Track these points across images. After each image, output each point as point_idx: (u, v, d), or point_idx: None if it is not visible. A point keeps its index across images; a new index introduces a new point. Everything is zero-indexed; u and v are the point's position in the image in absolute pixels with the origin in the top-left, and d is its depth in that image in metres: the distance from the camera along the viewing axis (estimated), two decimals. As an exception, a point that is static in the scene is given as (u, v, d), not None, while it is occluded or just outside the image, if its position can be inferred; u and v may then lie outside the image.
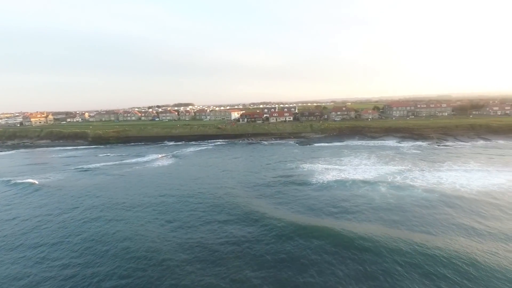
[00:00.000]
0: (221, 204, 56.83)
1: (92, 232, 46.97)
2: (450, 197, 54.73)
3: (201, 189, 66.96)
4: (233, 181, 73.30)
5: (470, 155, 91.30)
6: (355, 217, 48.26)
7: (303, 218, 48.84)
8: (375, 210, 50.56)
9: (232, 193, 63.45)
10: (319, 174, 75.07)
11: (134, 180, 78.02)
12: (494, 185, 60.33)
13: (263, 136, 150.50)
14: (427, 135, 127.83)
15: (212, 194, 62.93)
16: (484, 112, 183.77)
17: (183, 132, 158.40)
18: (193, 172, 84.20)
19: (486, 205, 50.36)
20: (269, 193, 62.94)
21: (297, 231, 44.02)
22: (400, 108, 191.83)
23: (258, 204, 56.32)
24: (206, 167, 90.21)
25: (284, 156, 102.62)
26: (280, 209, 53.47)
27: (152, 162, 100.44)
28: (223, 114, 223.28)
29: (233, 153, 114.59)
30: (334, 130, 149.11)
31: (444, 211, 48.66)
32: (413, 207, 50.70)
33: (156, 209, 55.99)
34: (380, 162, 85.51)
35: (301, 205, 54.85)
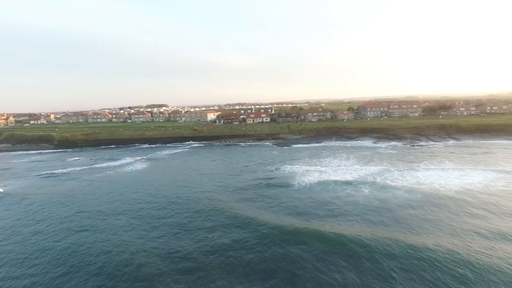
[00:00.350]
0: (202, 210, 53.88)
1: (61, 246, 42.49)
2: (433, 197, 55.08)
3: (179, 194, 63.48)
4: (213, 184, 70.37)
5: (444, 154, 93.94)
6: (343, 220, 47.11)
7: (289, 221, 47.01)
8: (362, 212, 49.70)
9: (213, 197, 60.59)
10: (301, 176, 73.80)
11: (106, 186, 72.98)
12: (471, 184, 61.62)
13: (241, 138, 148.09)
14: (401, 135, 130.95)
15: (192, 199, 59.73)
16: (452, 113, 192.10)
17: (157, 134, 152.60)
18: (169, 176, 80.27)
19: (468, 204, 50.96)
20: (251, 196, 60.71)
21: (284, 236, 42.13)
22: (374, 109, 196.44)
23: (241, 208, 53.93)
24: (183, 171, 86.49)
25: (263, 158, 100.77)
26: (265, 213, 51.39)
27: (125, 166, 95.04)
28: (199, 116, 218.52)
29: (210, 155, 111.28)
30: (312, 131, 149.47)
31: (430, 212, 48.64)
32: (399, 208, 50.34)
33: (131, 217, 52.06)
34: (360, 163, 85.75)
35: (286, 208, 53.08)
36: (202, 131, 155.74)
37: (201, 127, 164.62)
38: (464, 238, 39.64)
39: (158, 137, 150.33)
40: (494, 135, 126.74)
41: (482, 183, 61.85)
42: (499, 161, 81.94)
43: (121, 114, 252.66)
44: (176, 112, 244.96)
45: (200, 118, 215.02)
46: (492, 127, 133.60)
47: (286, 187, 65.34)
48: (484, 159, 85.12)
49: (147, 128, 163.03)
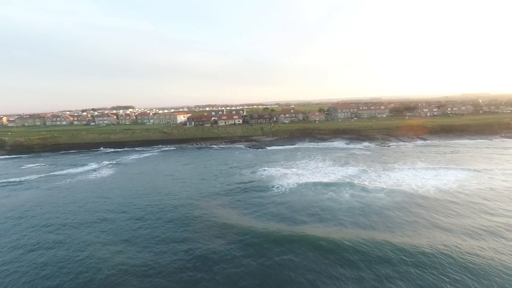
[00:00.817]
0: (177, 219, 49.69)
1: (18, 269, 36.53)
2: (414, 198, 54.95)
3: (150, 202, 58.55)
4: (187, 190, 66.00)
5: (415, 154, 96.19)
6: (330, 224, 45.24)
7: (273, 228, 44.25)
8: (347, 215, 48.13)
9: (188, 204, 56.39)
10: (279, 179, 71.45)
11: (68, 195, 66.02)
12: (447, 184, 62.52)
13: (213, 140, 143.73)
14: (372, 136, 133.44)
15: (165, 208, 55.16)
16: (416, 114, 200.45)
17: (123, 138, 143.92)
18: (139, 183, 74.61)
19: (450, 204, 51.26)
20: (230, 202, 57.26)
21: (270, 244, 39.33)
22: (344, 110, 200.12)
23: (220, 215, 50.37)
24: (154, 176, 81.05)
25: (238, 161, 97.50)
26: (246, 220, 48.24)
27: (88, 173, 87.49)
28: (168, 118, 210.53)
29: (182, 159, 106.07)
30: (285, 132, 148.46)
31: (415, 213, 48.12)
32: (383, 211, 49.36)
33: (98, 230, 46.71)
34: (336, 165, 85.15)
35: (268, 214, 50.32)
36: (172, 133, 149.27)
37: (171, 129, 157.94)
38: (453, 238, 39.27)
39: (124, 140, 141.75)
40: (457, 135, 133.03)
41: (456, 183, 63.00)
42: (467, 160, 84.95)
43: (83, 116, 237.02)
44: (144, 114, 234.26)
45: (170, 120, 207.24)
46: (455, 127, 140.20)
47: (265, 191, 62.63)
48: (453, 158, 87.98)
49: (112, 131, 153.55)
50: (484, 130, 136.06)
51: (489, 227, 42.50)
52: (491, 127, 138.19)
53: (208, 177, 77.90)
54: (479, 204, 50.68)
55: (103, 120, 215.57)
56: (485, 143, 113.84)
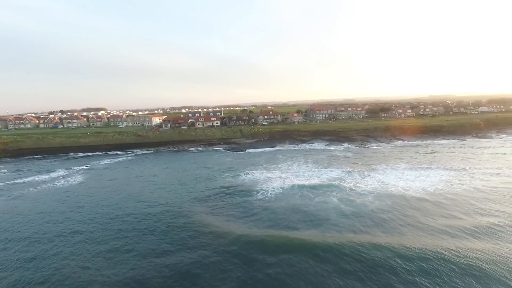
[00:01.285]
0: (156, 229, 45.65)
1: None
2: (402, 200, 54.06)
3: (125, 211, 53.83)
4: (166, 197, 61.66)
5: (395, 155, 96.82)
6: (323, 229, 43.31)
7: (264, 235, 41.48)
8: (338, 220, 46.20)
9: (168, 213, 52.25)
10: (263, 183, 68.71)
11: (30, 206, 59.71)
12: (432, 185, 62.35)
13: (191, 143, 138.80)
14: (351, 137, 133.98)
15: (142, 217, 50.75)
16: (391, 115, 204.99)
17: (95, 142, 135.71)
18: (112, 190, 69.23)
19: (439, 205, 50.82)
20: (214, 208, 53.71)
21: (263, 254, 36.54)
22: (322, 111, 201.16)
23: (204, 224, 46.77)
24: (129, 182, 75.81)
25: (218, 164, 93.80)
26: (234, 227, 44.98)
27: (55, 180, 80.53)
28: (143, 120, 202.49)
29: (159, 163, 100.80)
30: (265, 134, 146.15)
31: (407, 215, 47.02)
32: (375, 214, 47.92)
33: (68, 244, 41.75)
34: (319, 167, 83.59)
35: (257, 220, 47.47)
36: (147, 136, 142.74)
37: (146, 132, 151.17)
38: (452, 239, 38.37)
39: (96, 144, 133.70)
40: (432, 135, 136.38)
41: (441, 184, 63.06)
42: (446, 160, 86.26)
43: (50, 119, 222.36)
44: (117, 116, 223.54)
45: (144, 122, 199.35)
46: (429, 128, 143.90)
47: (250, 197, 59.59)
48: (433, 159, 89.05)
49: (82, 134, 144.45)
50: (457, 131, 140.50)
51: (484, 227, 42.04)
52: (463, 128, 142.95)
53: (188, 182, 73.82)
54: (469, 205, 50.44)
55: (72, 123, 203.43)
56: (459, 143, 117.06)
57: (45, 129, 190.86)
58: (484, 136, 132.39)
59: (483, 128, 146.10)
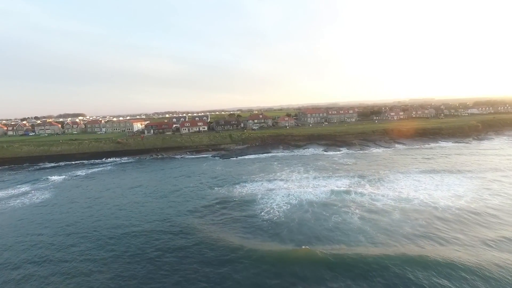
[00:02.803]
0: (143, 256, 34.69)
1: None
2: (433, 213, 45.12)
3: (105, 233, 42.52)
4: (149, 217, 50.52)
5: (402, 160, 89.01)
6: (370, 243, 33.24)
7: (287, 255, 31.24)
8: (371, 241, 36.48)
9: (156, 233, 41.25)
10: (264, 196, 58.75)
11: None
12: (458, 195, 54.16)
13: (176, 150, 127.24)
14: (349, 141, 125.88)
15: (126, 240, 39.66)
16: (384, 117, 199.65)
17: (68, 150, 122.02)
18: (86, 207, 57.58)
19: (480, 218, 42.21)
20: (213, 228, 43.03)
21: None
22: (314, 114, 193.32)
23: (213, 244, 36.16)
24: (106, 198, 64.16)
25: (208, 174, 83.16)
26: (247, 250, 34.51)
27: (14, 198, 67.80)
28: (123, 126, 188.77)
29: (141, 174, 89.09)
30: (256, 139, 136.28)
31: (449, 230, 38.05)
32: (410, 234, 38.57)
33: (34, 277, 30.44)
34: (322, 176, 74.43)
35: (272, 239, 37.09)
36: (128, 143, 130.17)
37: (127, 139, 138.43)
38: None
39: (69, 153, 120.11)
40: (431, 138, 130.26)
41: (470, 193, 54.92)
42: (460, 164, 78.94)
43: (20, 125, 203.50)
44: (95, 122, 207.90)
45: (125, 128, 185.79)
46: (428, 130, 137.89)
47: (251, 212, 49.37)
48: (445, 163, 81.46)
49: (54, 142, 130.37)
50: (456, 133, 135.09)
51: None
52: (462, 130, 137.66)
53: (176, 196, 62.93)
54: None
55: (45, 130, 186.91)
56: (463, 146, 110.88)
57: (13, 137, 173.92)
58: (485, 138, 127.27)
59: (481, 130, 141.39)
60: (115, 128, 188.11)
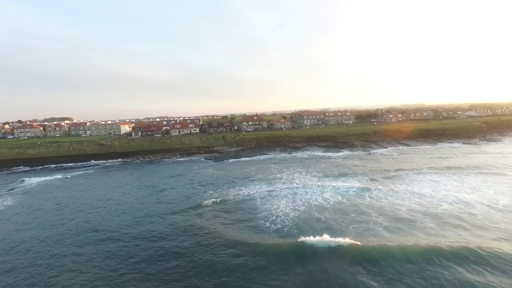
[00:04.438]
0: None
1: None
2: (469, 218, 37.04)
3: (66, 250, 33.28)
4: (131, 229, 41.44)
5: (412, 161, 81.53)
6: None
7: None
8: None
9: (135, 253, 32.25)
10: (266, 202, 50.24)
11: None
12: (494, 198, 46.30)
13: (165, 153, 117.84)
14: (350, 142, 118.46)
15: (103, 256, 30.46)
16: (382, 120, 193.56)
17: (46, 153, 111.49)
18: (54, 218, 48.04)
19: None
20: (205, 248, 34.22)
21: None
22: (310, 116, 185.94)
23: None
24: (85, 205, 54.62)
25: (200, 178, 74.21)
26: None
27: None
28: (109, 128, 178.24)
29: (125, 179, 79.57)
30: (251, 141, 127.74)
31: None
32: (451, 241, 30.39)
33: None
34: (328, 178, 66.26)
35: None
36: (113, 145, 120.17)
37: (111, 141, 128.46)
38: None
39: (47, 156, 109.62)
40: (436, 139, 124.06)
41: (502, 194, 47.21)
42: (477, 165, 71.60)
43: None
44: (79, 124, 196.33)
45: (111, 131, 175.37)
46: (432, 131, 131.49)
47: (256, 228, 40.63)
48: (459, 163, 74.08)
49: (31, 144, 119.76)
50: (461, 134, 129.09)
51: None
52: (467, 131, 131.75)
53: (163, 207, 53.67)
54: None
55: (25, 133, 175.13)
56: (472, 146, 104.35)
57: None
58: (492, 139, 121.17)
59: (486, 131, 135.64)
60: (101, 130, 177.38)
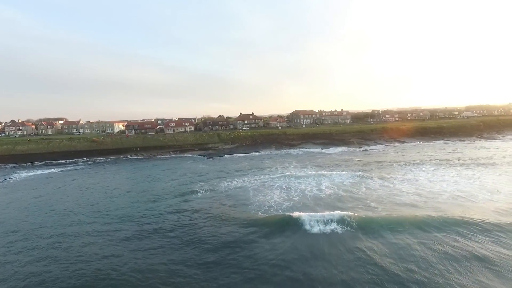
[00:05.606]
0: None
1: None
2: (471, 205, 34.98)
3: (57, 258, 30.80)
4: (115, 235, 39.04)
5: (409, 156, 79.74)
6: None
7: None
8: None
9: (116, 263, 29.85)
10: (258, 193, 47.83)
11: None
12: (495, 189, 44.41)
13: (158, 150, 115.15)
14: (347, 140, 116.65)
15: (87, 254, 28.01)
16: (378, 120, 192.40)
17: (36, 149, 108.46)
18: (37, 216, 45.43)
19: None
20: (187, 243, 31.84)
21: None
22: (307, 116, 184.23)
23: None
24: (68, 203, 52.07)
25: (192, 172, 71.77)
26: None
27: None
28: (103, 126, 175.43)
29: (115, 175, 76.81)
30: (246, 139, 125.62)
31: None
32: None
33: None
34: (324, 170, 64.04)
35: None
36: (104, 142, 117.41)
37: (103, 137, 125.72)
38: None
39: (36, 152, 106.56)
40: (433, 137, 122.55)
41: (502, 185, 45.33)
42: (475, 159, 69.92)
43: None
44: (72, 123, 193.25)
45: (105, 129, 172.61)
46: (429, 129, 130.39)
47: (245, 210, 38.33)
48: (457, 158, 72.42)
49: (20, 141, 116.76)
50: (458, 132, 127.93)
51: None
52: (464, 129, 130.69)
53: (148, 195, 51.31)
54: None
55: (16, 131, 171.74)
56: (469, 143, 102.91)
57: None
58: (490, 137, 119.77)
59: (483, 129, 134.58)
60: (94, 129, 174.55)
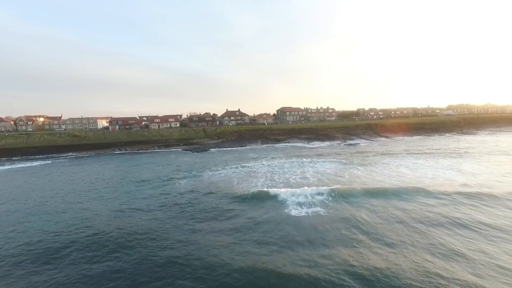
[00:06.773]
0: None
1: None
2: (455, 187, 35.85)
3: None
4: (103, 200, 38.08)
5: (392, 148, 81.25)
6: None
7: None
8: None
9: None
10: (243, 182, 47.77)
11: None
12: (474, 174, 45.65)
13: (143, 145, 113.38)
14: (332, 135, 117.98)
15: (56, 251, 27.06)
16: (363, 117, 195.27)
17: (13, 144, 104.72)
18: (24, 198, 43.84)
19: None
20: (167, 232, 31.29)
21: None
22: (293, 113, 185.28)
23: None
24: (47, 198, 50.50)
25: (176, 164, 71.05)
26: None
27: None
28: (86, 122, 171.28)
29: (98, 166, 75.44)
30: (233, 134, 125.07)
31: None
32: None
33: None
34: (308, 161, 64.49)
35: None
36: (87, 137, 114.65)
37: (86, 132, 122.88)
38: None
39: (15, 147, 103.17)
40: (415, 132, 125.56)
41: (480, 172, 46.66)
42: (453, 150, 71.87)
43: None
44: (53, 119, 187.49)
45: (88, 125, 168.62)
46: (411, 125, 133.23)
47: (228, 197, 38.09)
48: (438, 150, 74.27)
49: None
50: (440, 128, 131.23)
51: None
52: (445, 125, 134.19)
53: (128, 184, 50.39)
54: None
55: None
56: (449, 137, 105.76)
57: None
58: (469, 132, 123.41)
59: (463, 125, 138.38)
60: (77, 125, 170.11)
